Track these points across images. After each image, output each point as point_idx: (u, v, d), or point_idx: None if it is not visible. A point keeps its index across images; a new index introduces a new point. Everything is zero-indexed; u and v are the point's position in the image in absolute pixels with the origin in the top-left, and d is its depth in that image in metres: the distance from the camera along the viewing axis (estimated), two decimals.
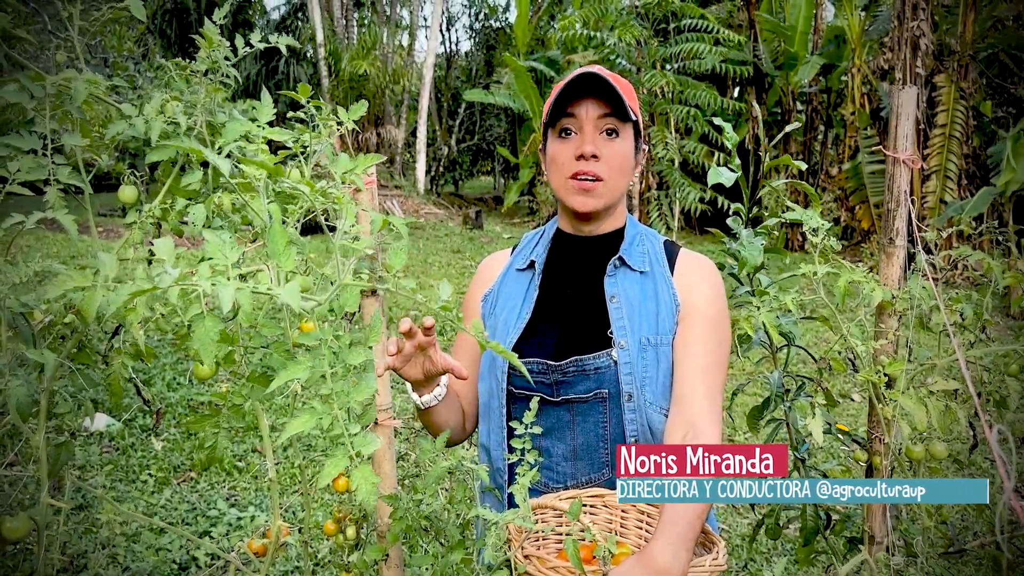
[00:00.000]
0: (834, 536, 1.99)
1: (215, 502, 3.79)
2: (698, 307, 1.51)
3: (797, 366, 2.25)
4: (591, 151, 1.50)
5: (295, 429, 0.91)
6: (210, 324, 0.82)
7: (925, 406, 1.52)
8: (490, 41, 22.83)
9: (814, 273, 1.59)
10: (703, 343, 1.49)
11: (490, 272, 1.72)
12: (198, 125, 1.16)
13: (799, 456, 1.89)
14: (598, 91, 1.49)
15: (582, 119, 1.51)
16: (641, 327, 1.50)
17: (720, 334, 1.52)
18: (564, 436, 1.53)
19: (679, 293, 1.53)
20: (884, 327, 1.69)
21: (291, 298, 0.80)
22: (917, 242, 1.60)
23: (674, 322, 1.51)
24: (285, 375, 0.92)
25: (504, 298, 1.64)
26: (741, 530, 3.89)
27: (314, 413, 0.91)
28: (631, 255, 1.58)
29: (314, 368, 0.93)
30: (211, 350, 0.82)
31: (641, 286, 1.55)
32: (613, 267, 1.57)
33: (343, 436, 0.91)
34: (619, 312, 1.52)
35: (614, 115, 1.51)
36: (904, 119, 1.73)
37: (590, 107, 1.51)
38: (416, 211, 15.89)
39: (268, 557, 1.36)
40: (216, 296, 0.78)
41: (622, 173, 1.54)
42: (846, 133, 13.76)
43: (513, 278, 1.67)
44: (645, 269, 1.56)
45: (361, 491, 0.90)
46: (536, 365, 1.52)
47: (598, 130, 1.52)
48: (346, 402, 0.93)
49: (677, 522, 1.21)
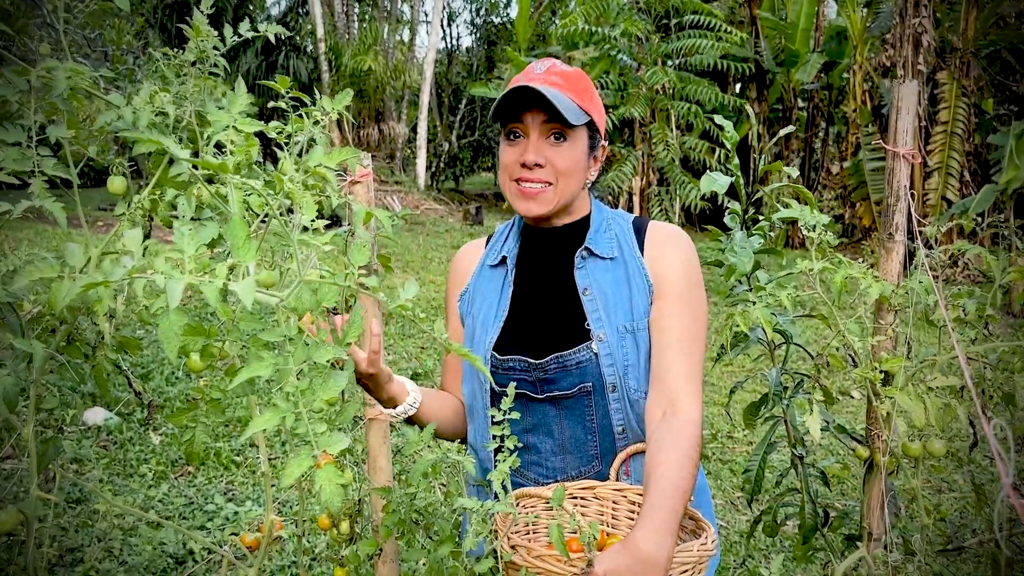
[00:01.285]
0: (832, 533, 1.98)
1: (212, 496, 3.78)
2: (669, 281, 1.49)
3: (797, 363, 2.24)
4: (533, 160, 1.46)
5: (258, 427, 0.90)
6: (175, 318, 0.81)
7: (923, 403, 1.51)
8: (491, 37, 22.77)
9: (811, 269, 1.57)
10: (678, 317, 1.46)
11: (464, 267, 1.70)
12: (187, 115, 1.14)
13: (797, 454, 1.87)
14: (544, 104, 1.45)
15: (528, 124, 1.48)
16: (617, 315, 1.48)
17: (694, 306, 1.49)
18: (551, 431, 1.52)
19: (650, 271, 1.50)
20: (882, 323, 1.68)
21: (245, 293, 0.79)
22: (916, 237, 1.58)
23: (648, 303, 1.49)
24: (247, 372, 0.90)
25: (480, 297, 1.63)
26: (739, 527, 3.88)
27: (277, 411, 0.90)
28: (597, 243, 1.55)
29: (279, 365, 0.92)
30: (175, 344, 0.81)
31: (612, 273, 1.52)
32: (581, 258, 1.55)
33: (308, 435, 0.90)
34: (593, 304, 1.50)
35: (558, 120, 1.47)
36: (904, 113, 1.71)
37: (535, 115, 1.47)
38: (416, 207, 15.88)
39: (261, 551, 1.35)
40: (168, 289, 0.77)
41: (571, 175, 1.50)
42: (848, 130, 13.74)
43: (487, 275, 1.65)
44: (614, 255, 1.54)
45: (325, 492, 0.89)
46: (518, 363, 1.51)
47: (544, 135, 1.48)
48: (311, 400, 0.92)
49: (660, 507, 1.20)
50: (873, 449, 1.71)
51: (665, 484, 1.23)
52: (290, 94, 1.07)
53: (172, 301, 0.79)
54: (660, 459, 1.29)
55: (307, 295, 1.11)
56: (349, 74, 17.61)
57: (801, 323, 1.82)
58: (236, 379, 0.93)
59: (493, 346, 1.54)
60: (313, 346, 0.97)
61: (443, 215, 15.87)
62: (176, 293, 0.80)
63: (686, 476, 1.27)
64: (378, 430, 1.74)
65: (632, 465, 1.50)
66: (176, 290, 0.80)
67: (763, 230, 1.68)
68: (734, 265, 1.61)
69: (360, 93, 18.56)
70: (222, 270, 0.87)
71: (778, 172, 9.72)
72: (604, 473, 1.50)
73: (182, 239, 0.86)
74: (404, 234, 12.78)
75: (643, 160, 13.45)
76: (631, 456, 1.48)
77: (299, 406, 0.96)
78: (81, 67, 1.10)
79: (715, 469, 4.62)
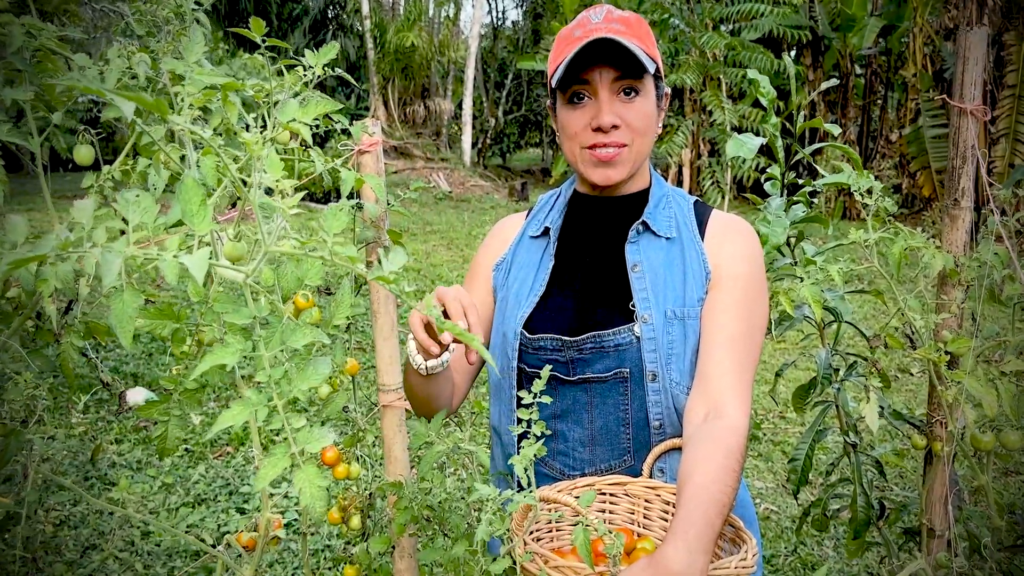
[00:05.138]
0: (888, 527, 1.83)
1: (248, 478, 3.74)
2: (730, 274, 1.35)
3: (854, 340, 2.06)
4: (610, 122, 1.32)
5: (224, 423, 0.78)
6: (128, 298, 0.70)
7: (996, 388, 1.34)
8: (537, 9, 22.41)
9: (866, 240, 1.40)
10: (732, 312, 1.32)
11: (504, 237, 1.57)
12: (162, 76, 1.03)
13: (850, 442, 1.72)
14: (614, 57, 1.31)
15: (596, 84, 1.33)
16: (666, 298, 1.34)
17: (753, 303, 1.35)
18: (581, 419, 1.39)
19: (709, 259, 1.37)
20: (947, 299, 1.51)
21: (197, 267, 0.67)
22: (990, 201, 1.41)
23: (703, 292, 1.35)
24: (209, 360, 0.79)
25: (517, 268, 1.50)
26: (791, 511, 3.72)
27: (247, 404, 0.78)
28: (656, 219, 1.41)
29: (246, 352, 0.80)
30: (128, 327, 0.70)
31: (667, 253, 1.39)
32: (636, 233, 1.41)
33: (284, 431, 0.78)
34: (642, 282, 1.36)
35: (630, 74, 1.33)
36: (972, 64, 1.53)
37: (604, 71, 1.33)
38: (462, 184, 15.79)
39: (257, 551, 1.26)
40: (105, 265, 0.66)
41: (646, 134, 1.37)
42: (907, 96, 13.19)
43: (527, 246, 1.52)
44: (672, 235, 1.40)
45: (305, 496, 0.77)
46: (550, 341, 1.38)
47: (615, 93, 1.34)
48: (288, 391, 0.80)
49: (694, 521, 1.05)
50: (933, 438, 1.55)
51: (702, 496, 1.09)
52: (267, 43, 0.95)
53: (107, 278, 0.68)
54: (698, 467, 1.14)
55: (290, 271, 1.00)
56: (394, 51, 17.53)
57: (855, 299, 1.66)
58: (198, 368, 0.82)
59: (524, 323, 1.41)
60: (289, 328, 0.86)
61: (488, 191, 15.76)
62: (112, 269, 0.69)
63: (726, 490, 1.11)
64: (393, 417, 1.64)
65: (668, 462, 1.36)
66: (113, 265, 0.69)
67: (805, 196, 1.51)
68: (766, 236, 1.45)
69: (405, 70, 18.48)
70: (174, 242, 0.76)
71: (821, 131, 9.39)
72: (636, 469, 1.36)
73: (126, 207, 0.75)
74: (449, 211, 12.71)
75: (693, 130, 13.11)
76: (667, 452, 1.34)
77: (274, 398, 0.86)
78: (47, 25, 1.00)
79: (766, 451, 4.44)
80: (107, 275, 0.68)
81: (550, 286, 1.43)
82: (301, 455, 0.79)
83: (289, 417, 0.82)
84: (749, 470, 4.21)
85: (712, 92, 12.57)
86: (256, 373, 0.83)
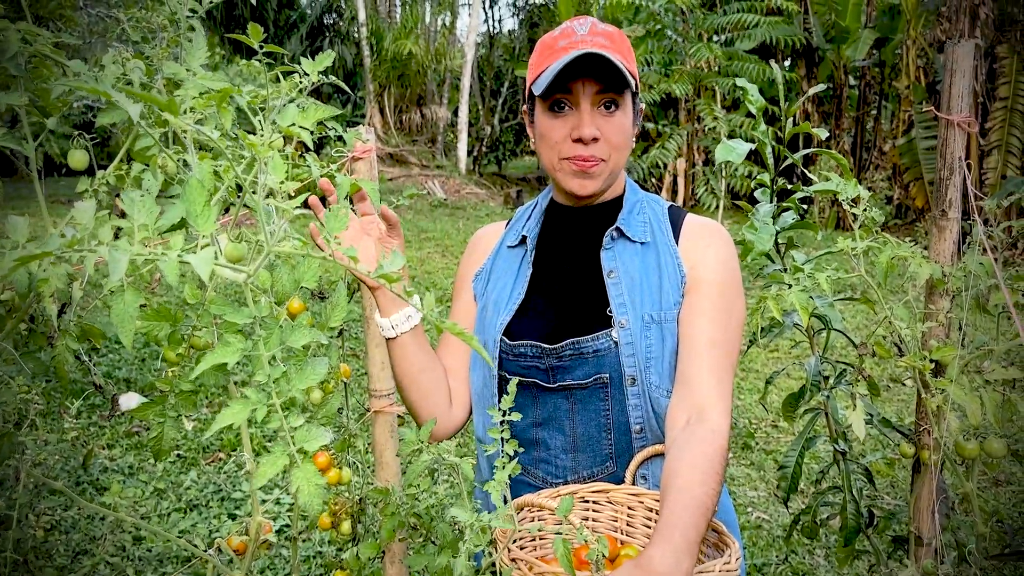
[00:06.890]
0: (877, 535, 1.84)
1: (240, 484, 3.74)
2: (705, 277, 1.36)
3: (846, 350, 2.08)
4: (591, 134, 1.34)
5: (223, 422, 0.79)
6: (129, 299, 0.71)
7: (980, 397, 1.36)
8: (533, 18, 22.48)
9: (853, 248, 1.42)
10: (710, 316, 1.33)
11: (482, 247, 1.59)
12: (156, 82, 1.05)
13: (839, 450, 1.73)
14: (598, 71, 1.32)
15: (579, 95, 1.35)
16: (643, 303, 1.36)
17: (730, 306, 1.36)
18: (563, 426, 1.40)
19: (684, 263, 1.38)
20: (934, 308, 1.52)
21: (202, 266, 0.68)
22: (973, 212, 1.42)
23: (680, 295, 1.36)
24: (210, 359, 0.80)
25: (496, 277, 1.52)
26: (782, 520, 3.73)
27: (247, 403, 0.79)
28: (630, 225, 1.43)
29: (247, 351, 0.81)
30: (129, 328, 0.70)
31: (642, 258, 1.40)
32: (610, 239, 1.43)
33: (283, 430, 0.79)
34: (618, 288, 1.38)
35: (612, 89, 1.35)
36: (959, 76, 1.55)
37: (587, 83, 1.34)
38: (458, 191, 15.80)
39: (248, 555, 1.26)
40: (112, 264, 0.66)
41: (623, 148, 1.39)
42: (900, 107, 13.26)
43: (505, 255, 1.54)
44: (646, 239, 1.42)
45: (303, 494, 0.78)
46: (530, 349, 1.39)
47: (595, 105, 1.36)
48: (287, 390, 0.81)
49: (679, 524, 1.06)
50: (921, 447, 1.56)
51: (686, 499, 1.10)
52: (264, 49, 0.96)
53: (114, 275, 0.69)
54: (681, 471, 1.15)
55: (285, 274, 1.01)
56: (390, 58, 17.57)
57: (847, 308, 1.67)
58: (198, 367, 0.83)
59: (504, 330, 1.42)
60: (288, 329, 0.87)
61: (484, 199, 15.77)
62: (120, 267, 0.70)
63: (709, 492, 1.13)
64: (384, 423, 1.65)
65: (650, 468, 1.37)
66: (120, 263, 0.70)
67: (794, 203, 1.52)
68: (751, 242, 1.46)
69: (402, 77, 18.51)
70: (177, 241, 0.76)
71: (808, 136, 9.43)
72: (619, 475, 1.37)
73: (131, 206, 0.76)
74: (444, 218, 12.72)
75: (687, 140, 13.15)
76: (650, 458, 1.35)
77: (272, 397, 0.86)
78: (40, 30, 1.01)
79: (759, 460, 4.45)
80: (114, 273, 0.68)
81: (529, 293, 1.45)
82: (300, 453, 0.80)
83: (287, 416, 0.83)
84: (741, 479, 4.21)
85: (706, 101, 12.63)
86: (255, 373, 0.84)
